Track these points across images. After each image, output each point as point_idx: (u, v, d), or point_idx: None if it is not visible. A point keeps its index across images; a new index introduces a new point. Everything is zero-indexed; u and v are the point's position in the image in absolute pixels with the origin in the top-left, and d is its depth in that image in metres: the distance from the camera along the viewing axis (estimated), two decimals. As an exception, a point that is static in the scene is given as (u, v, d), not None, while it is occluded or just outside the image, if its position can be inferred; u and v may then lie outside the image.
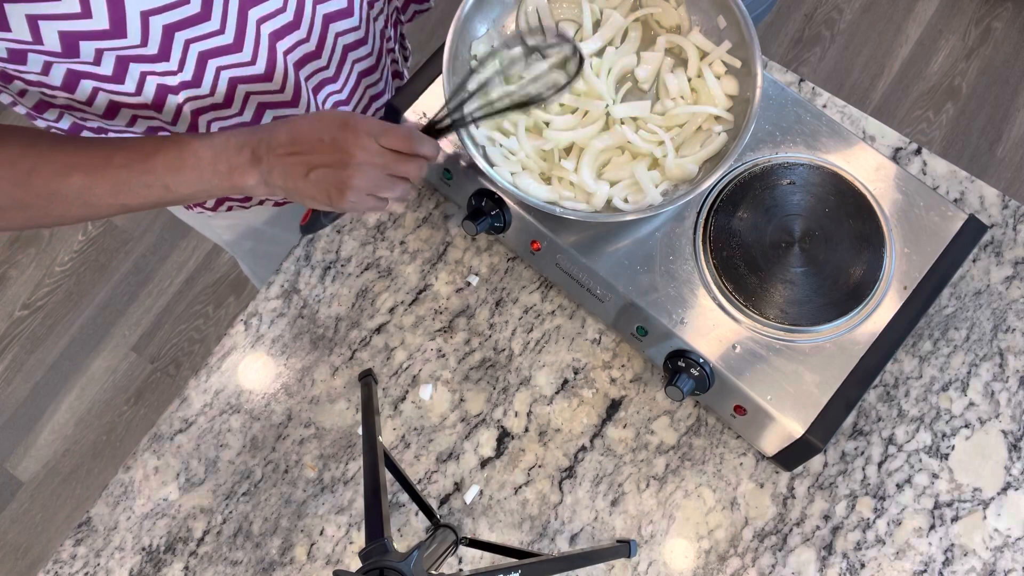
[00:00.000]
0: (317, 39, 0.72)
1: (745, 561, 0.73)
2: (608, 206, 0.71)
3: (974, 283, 0.80)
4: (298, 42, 0.70)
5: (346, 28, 0.74)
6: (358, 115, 0.62)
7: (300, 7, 0.68)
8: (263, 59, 0.68)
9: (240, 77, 0.68)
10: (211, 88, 0.67)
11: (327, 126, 0.60)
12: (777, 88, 0.76)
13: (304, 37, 0.70)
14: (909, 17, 1.92)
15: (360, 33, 0.76)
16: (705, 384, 0.69)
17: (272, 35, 0.67)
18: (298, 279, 0.81)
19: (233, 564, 0.74)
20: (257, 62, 0.68)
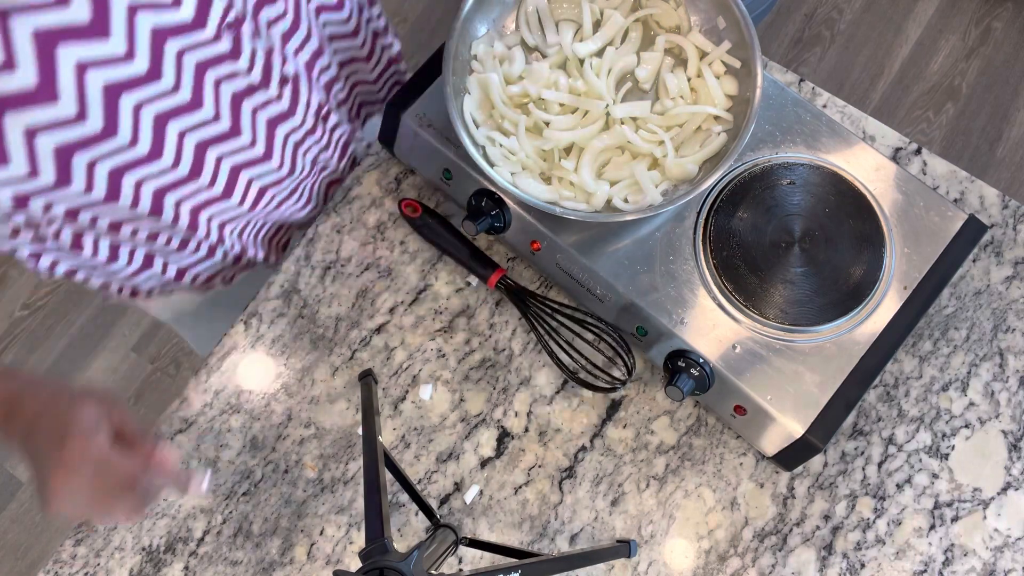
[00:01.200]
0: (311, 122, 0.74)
1: (745, 561, 0.73)
2: (608, 206, 0.71)
3: (974, 283, 0.80)
4: (286, 118, 0.70)
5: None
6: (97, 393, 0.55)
7: (295, 97, 0.69)
8: (261, 142, 0.68)
9: (242, 163, 0.69)
10: (211, 178, 0.67)
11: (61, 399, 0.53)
12: (777, 88, 0.76)
13: (299, 124, 0.72)
14: (909, 17, 1.92)
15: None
16: (705, 384, 0.69)
17: (269, 122, 0.68)
18: (298, 279, 0.81)
19: (233, 564, 0.74)
20: (256, 145, 0.68)
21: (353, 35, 0.79)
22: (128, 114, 0.55)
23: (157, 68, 0.55)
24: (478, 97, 0.73)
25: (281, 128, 0.71)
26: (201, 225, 0.72)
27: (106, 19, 0.49)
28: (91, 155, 0.55)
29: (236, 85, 0.63)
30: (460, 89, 0.72)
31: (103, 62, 0.51)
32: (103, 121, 0.53)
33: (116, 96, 0.53)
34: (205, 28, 0.56)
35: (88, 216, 0.62)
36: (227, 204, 0.72)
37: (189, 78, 0.58)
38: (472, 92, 0.73)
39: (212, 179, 0.67)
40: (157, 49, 0.54)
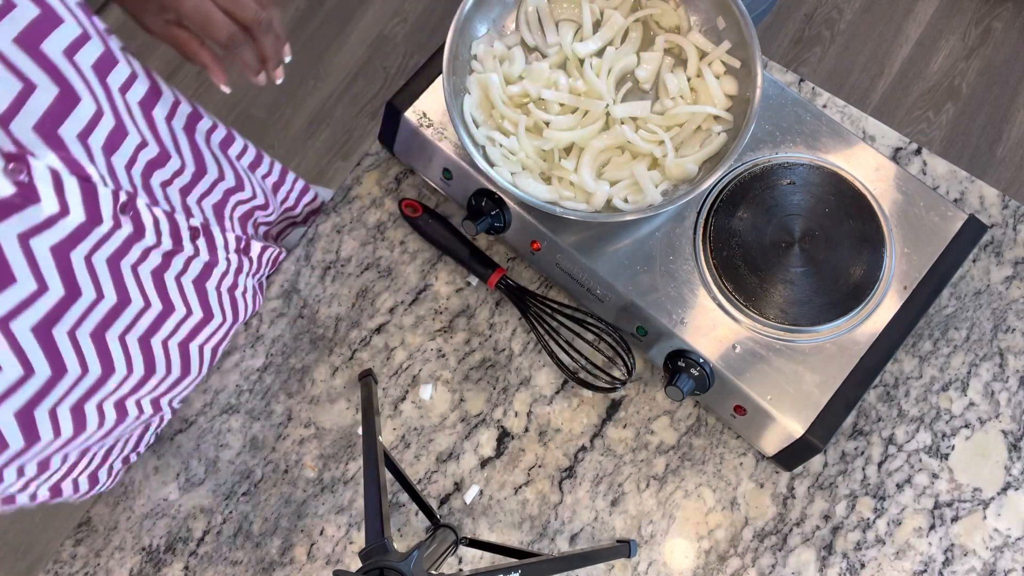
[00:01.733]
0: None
1: (745, 561, 0.73)
2: (608, 206, 0.71)
3: (974, 283, 0.80)
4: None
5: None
6: None
7: (211, 244, 0.66)
8: (196, 306, 0.66)
9: (186, 335, 0.67)
10: (165, 366, 0.65)
11: None
12: (777, 88, 0.76)
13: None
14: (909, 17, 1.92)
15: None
16: (705, 384, 0.69)
17: None
18: (298, 279, 0.81)
19: (233, 564, 0.74)
20: (193, 312, 0.66)
21: (258, 199, 0.77)
22: (67, 346, 0.51)
23: (74, 285, 0.50)
24: (478, 97, 0.73)
25: (210, 282, 0.68)
26: (164, 407, 0.71)
27: (4, 262, 0.45)
28: (49, 403, 0.52)
29: (152, 263, 0.59)
30: (460, 89, 0.72)
31: (19, 307, 0.46)
32: (49, 367, 0.50)
33: (47, 332, 0.49)
34: (102, 223, 0.51)
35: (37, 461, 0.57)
36: (188, 379, 0.71)
37: (107, 279, 0.54)
38: (472, 92, 0.73)
39: (167, 366, 0.65)
40: (64, 265, 0.49)
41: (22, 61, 0.45)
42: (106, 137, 0.52)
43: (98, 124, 0.51)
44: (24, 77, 0.45)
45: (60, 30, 0.48)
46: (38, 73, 0.46)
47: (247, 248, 0.73)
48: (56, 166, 0.47)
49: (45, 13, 0.47)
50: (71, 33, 0.50)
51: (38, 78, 0.46)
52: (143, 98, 0.58)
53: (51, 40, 0.48)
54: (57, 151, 0.47)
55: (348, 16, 1.94)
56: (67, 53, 0.49)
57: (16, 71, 0.45)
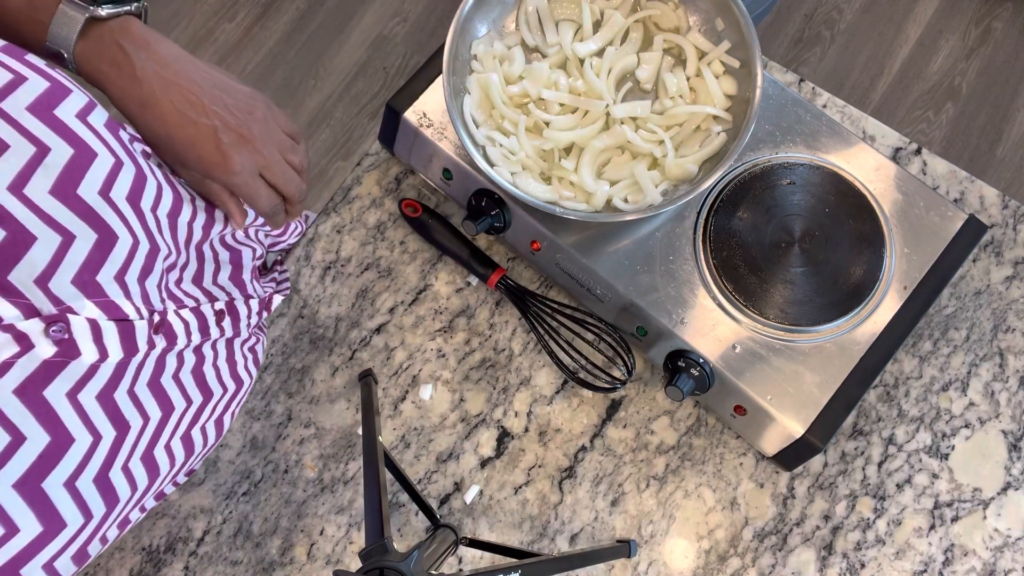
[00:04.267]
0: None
1: (745, 561, 0.73)
2: (608, 206, 0.71)
3: (974, 283, 0.80)
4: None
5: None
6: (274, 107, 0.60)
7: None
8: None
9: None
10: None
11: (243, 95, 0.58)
12: (777, 88, 0.76)
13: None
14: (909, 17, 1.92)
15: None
16: (705, 384, 0.69)
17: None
18: (298, 279, 0.81)
19: (233, 564, 0.74)
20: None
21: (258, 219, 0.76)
22: (121, 479, 0.51)
23: (123, 423, 0.50)
24: (478, 97, 0.73)
25: (237, 353, 0.67)
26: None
27: (61, 425, 0.45)
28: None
29: (188, 364, 0.58)
30: (460, 89, 0.72)
31: (81, 464, 0.47)
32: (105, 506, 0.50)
33: (105, 477, 0.50)
34: (138, 352, 0.51)
35: None
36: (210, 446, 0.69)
37: (151, 400, 0.54)
38: (472, 92, 0.73)
39: (203, 442, 0.63)
40: (111, 408, 0.49)
41: (60, 212, 0.45)
42: (141, 265, 0.52)
43: (135, 257, 0.51)
44: (63, 230, 0.45)
45: (95, 167, 0.47)
46: (76, 222, 0.46)
47: (269, 303, 0.73)
48: (94, 315, 0.46)
49: (79, 151, 0.46)
50: (105, 166, 0.48)
51: (76, 228, 0.46)
52: (170, 209, 0.57)
53: (87, 182, 0.47)
54: (94, 299, 0.47)
55: (348, 16, 1.94)
56: (103, 192, 0.48)
57: (55, 225, 0.44)
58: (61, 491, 0.45)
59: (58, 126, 0.45)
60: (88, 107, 0.48)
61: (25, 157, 0.43)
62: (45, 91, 0.45)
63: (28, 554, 0.44)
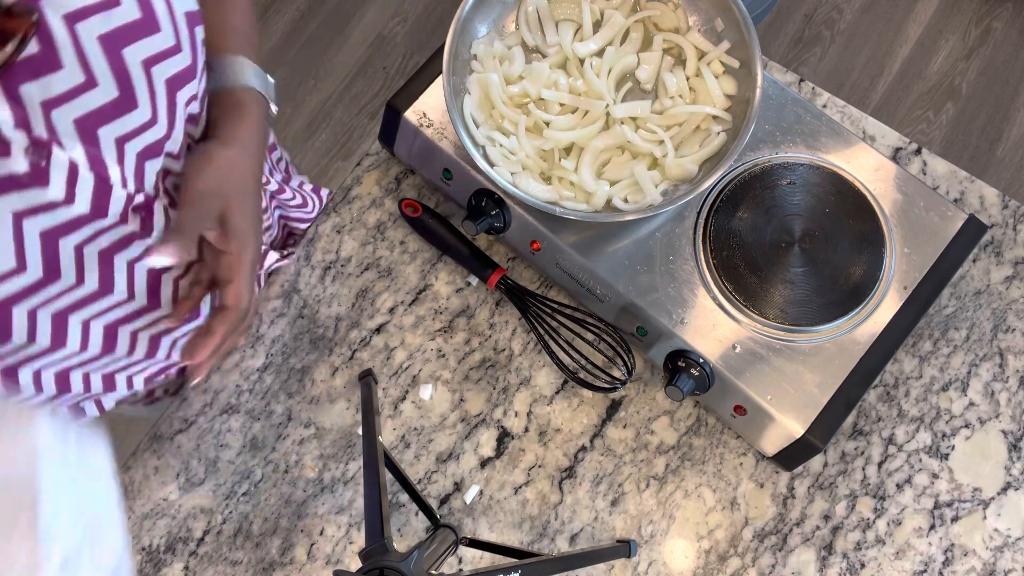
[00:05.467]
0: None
1: (745, 561, 0.73)
2: (608, 206, 0.71)
3: (974, 283, 0.80)
4: None
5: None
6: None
7: None
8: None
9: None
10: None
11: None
12: (777, 88, 0.76)
13: None
14: (909, 17, 1.92)
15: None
16: (705, 384, 0.69)
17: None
18: (298, 279, 0.81)
19: (233, 564, 0.74)
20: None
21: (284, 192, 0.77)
22: (23, 320, 0.51)
23: (55, 269, 0.51)
24: (478, 97, 0.73)
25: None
26: (119, 381, 0.68)
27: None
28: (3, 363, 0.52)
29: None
30: (460, 89, 0.72)
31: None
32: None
33: (7, 308, 0.50)
34: (106, 218, 0.52)
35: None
36: (150, 362, 0.69)
37: (93, 269, 0.54)
38: (472, 92, 0.73)
39: (128, 351, 0.64)
40: (50, 250, 0.49)
41: (96, 59, 0.46)
42: (148, 144, 0.53)
43: (144, 132, 0.52)
44: (91, 73, 0.46)
45: (151, 39, 0.49)
46: (106, 74, 0.47)
47: (264, 256, 0.74)
48: (79, 160, 0.47)
49: (145, 19, 0.48)
50: (161, 43, 0.50)
51: (104, 78, 0.47)
52: (198, 112, 0.59)
53: (137, 47, 0.48)
54: (87, 146, 0.48)
55: (348, 16, 1.94)
56: (147, 64, 0.49)
57: (86, 65, 0.45)
58: None
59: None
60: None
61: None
62: None
63: None
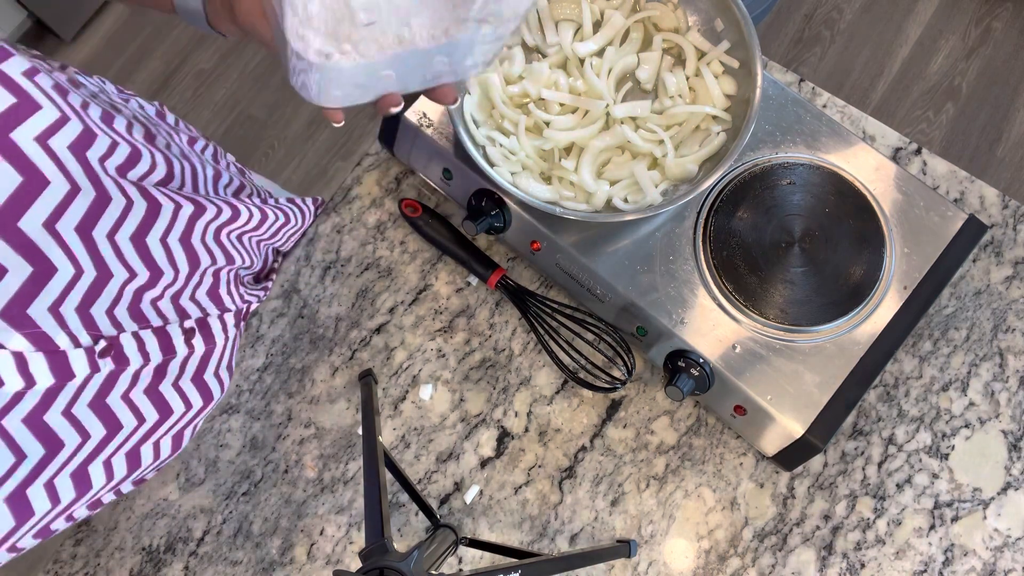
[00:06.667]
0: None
1: (745, 561, 0.73)
2: (608, 206, 0.71)
3: (974, 283, 0.80)
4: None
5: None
6: None
7: (210, 338, 0.64)
8: (196, 400, 0.65)
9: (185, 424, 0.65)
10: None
11: None
12: (777, 88, 0.76)
13: None
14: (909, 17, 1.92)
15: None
16: (705, 384, 0.69)
17: None
18: (298, 279, 0.81)
19: (233, 564, 0.74)
20: (191, 408, 0.64)
21: (249, 223, 0.72)
22: (42, 495, 0.51)
23: (55, 441, 0.50)
24: (478, 97, 0.73)
25: (208, 371, 0.66)
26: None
27: None
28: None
29: (143, 382, 0.57)
30: (460, 89, 0.72)
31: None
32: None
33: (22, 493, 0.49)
34: (75, 377, 0.50)
35: None
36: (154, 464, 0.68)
37: (93, 420, 0.53)
38: (472, 92, 0.73)
39: (154, 457, 0.63)
40: (40, 429, 0.48)
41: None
42: (83, 295, 0.50)
43: (74, 287, 0.49)
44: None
45: (45, 196, 0.45)
46: (11, 256, 0.44)
47: (247, 314, 0.71)
48: (21, 347, 0.46)
49: (29, 179, 0.44)
50: (57, 194, 0.46)
51: (10, 261, 0.44)
52: (136, 230, 0.54)
53: (33, 211, 0.45)
54: (23, 330, 0.46)
55: (348, 16, 1.93)
56: (48, 223, 0.46)
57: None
58: None
59: (11, 150, 0.43)
60: (53, 128, 0.46)
61: None
62: (9, 108, 0.43)
63: None
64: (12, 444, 0.47)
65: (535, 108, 0.72)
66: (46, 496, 0.51)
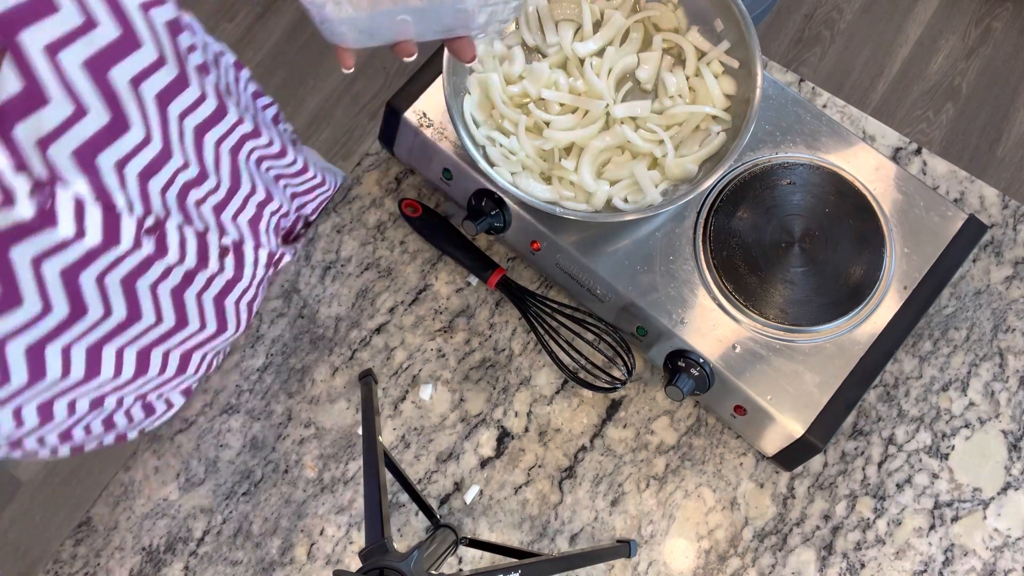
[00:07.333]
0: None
1: (745, 561, 0.73)
2: (608, 206, 0.71)
3: (974, 283, 0.80)
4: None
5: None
6: None
7: (240, 262, 0.66)
8: (212, 320, 0.67)
9: (194, 345, 0.67)
10: (159, 368, 0.65)
11: None
12: (777, 88, 0.76)
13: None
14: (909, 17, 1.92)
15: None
16: (705, 384, 0.69)
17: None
18: (298, 279, 0.81)
19: (233, 564, 0.74)
20: (206, 326, 0.67)
21: (292, 167, 0.77)
22: (56, 358, 0.52)
23: (80, 305, 0.51)
24: (478, 97, 0.73)
25: (229, 298, 0.68)
26: (156, 402, 0.69)
27: (14, 285, 0.45)
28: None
29: (172, 281, 0.59)
30: (460, 89, 0.72)
31: (21, 329, 0.47)
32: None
33: (40, 349, 0.50)
34: (119, 244, 0.52)
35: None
36: (182, 378, 0.70)
37: (119, 297, 0.54)
38: (472, 92, 0.73)
39: (161, 369, 0.65)
40: (73, 287, 0.50)
41: (84, 86, 0.45)
42: (147, 163, 0.53)
43: (141, 151, 0.52)
44: (79, 101, 0.45)
45: (134, 56, 0.49)
46: (95, 99, 0.46)
47: (279, 261, 0.74)
48: (83, 193, 0.47)
49: (125, 35, 0.47)
50: (146, 59, 0.50)
51: (93, 104, 0.46)
52: (202, 122, 0.58)
53: (121, 67, 0.48)
54: (89, 177, 0.48)
55: (348, 16, 1.94)
56: (134, 81, 0.49)
57: (73, 94, 0.45)
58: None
59: (115, 7, 0.47)
60: (154, 1, 0.50)
61: (72, 24, 0.44)
62: None
63: None
64: (43, 292, 0.48)
65: (535, 108, 0.72)
66: (60, 363, 0.52)
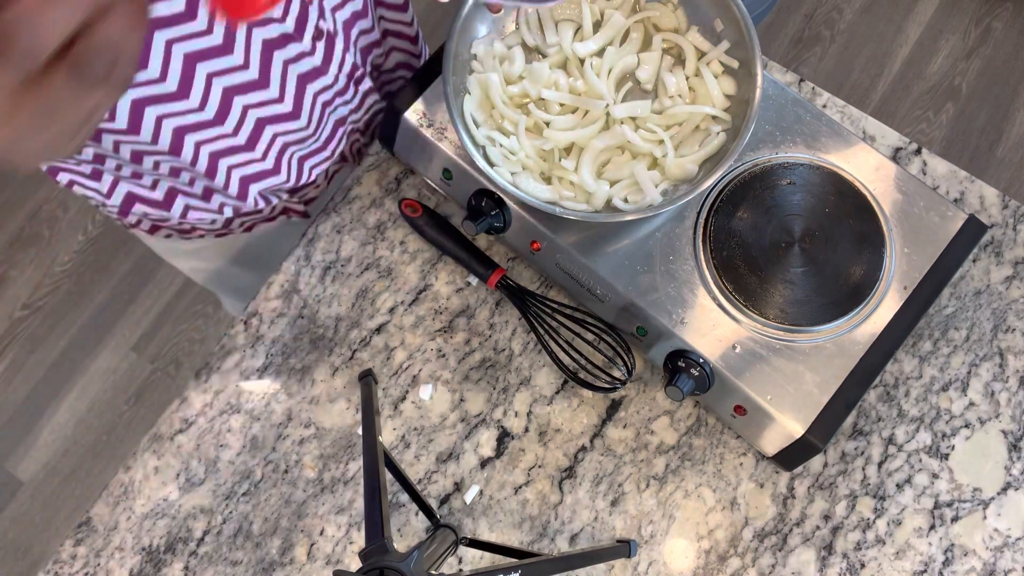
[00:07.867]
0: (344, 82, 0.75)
1: (745, 561, 0.73)
2: (608, 206, 0.71)
3: (974, 283, 0.80)
4: (326, 87, 0.73)
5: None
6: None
7: (329, 54, 0.70)
8: (290, 98, 0.70)
9: (267, 117, 0.70)
10: (235, 127, 0.69)
11: None
12: (777, 88, 0.76)
13: (330, 83, 0.73)
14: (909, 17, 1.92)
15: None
16: (705, 384, 0.69)
17: (301, 77, 0.69)
18: (298, 279, 0.81)
19: (233, 564, 0.74)
20: (284, 100, 0.69)
21: (402, 8, 0.81)
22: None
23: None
24: (478, 97, 0.73)
25: (311, 86, 0.72)
26: (220, 172, 0.73)
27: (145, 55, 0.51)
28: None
29: (268, 33, 0.64)
30: (460, 89, 0.72)
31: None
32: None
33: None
34: (232, 54, 0.58)
35: (111, 140, 0.64)
36: (249, 156, 0.73)
37: (216, 98, 0.61)
38: (472, 92, 0.73)
39: (236, 128, 0.69)
40: (188, 71, 0.56)
41: None
42: None
43: None
44: None
45: None
46: None
47: (360, 78, 0.77)
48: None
49: None
50: None
51: None
52: None
53: None
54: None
55: (348, 16, 1.94)
56: None
57: None
58: None
59: None
60: None
61: None
62: None
63: None
64: (164, 66, 0.56)
65: (535, 108, 0.72)
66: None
